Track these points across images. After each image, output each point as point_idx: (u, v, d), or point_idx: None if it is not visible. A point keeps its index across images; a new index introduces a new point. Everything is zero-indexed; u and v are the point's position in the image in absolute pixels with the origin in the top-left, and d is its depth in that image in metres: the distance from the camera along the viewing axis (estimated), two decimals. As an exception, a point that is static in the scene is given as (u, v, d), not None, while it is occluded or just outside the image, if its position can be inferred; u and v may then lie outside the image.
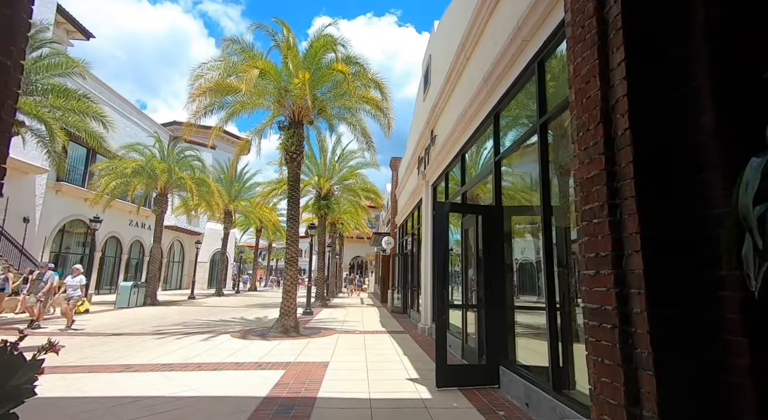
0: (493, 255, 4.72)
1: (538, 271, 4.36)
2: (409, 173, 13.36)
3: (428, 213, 9.31)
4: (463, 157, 6.69)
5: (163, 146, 16.75)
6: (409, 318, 12.44)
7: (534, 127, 3.85)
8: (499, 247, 4.70)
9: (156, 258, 16.31)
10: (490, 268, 4.75)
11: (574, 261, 3.37)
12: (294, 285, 9.06)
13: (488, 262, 4.76)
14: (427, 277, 9.05)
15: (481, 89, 5.08)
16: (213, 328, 9.35)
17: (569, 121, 2.41)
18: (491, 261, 4.73)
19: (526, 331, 4.56)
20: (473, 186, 5.96)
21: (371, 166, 17.72)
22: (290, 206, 9.37)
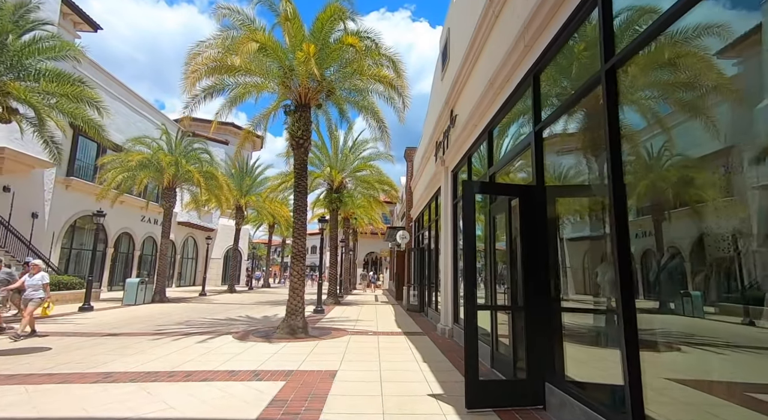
0: (535, 246, 3.84)
1: (593, 264, 3.46)
2: (425, 162, 12.48)
3: (448, 202, 8.44)
4: (490, 135, 5.79)
5: (171, 139, 16.26)
6: (427, 317, 11.60)
7: (596, 77, 2.94)
8: (541, 237, 3.81)
9: (164, 254, 15.88)
10: (530, 262, 3.87)
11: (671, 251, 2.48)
12: (301, 282, 8.33)
13: (528, 254, 3.88)
14: (447, 273, 8.20)
15: (516, 44, 4.17)
16: (215, 328, 8.71)
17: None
18: (532, 253, 3.85)
19: (580, 338, 3.67)
20: (505, 166, 5.05)
21: (385, 157, 16.90)
22: (297, 196, 8.62)
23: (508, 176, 5.33)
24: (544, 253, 3.79)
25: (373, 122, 10.35)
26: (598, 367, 3.49)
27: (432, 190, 11.12)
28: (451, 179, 8.39)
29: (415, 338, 7.72)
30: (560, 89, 3.82)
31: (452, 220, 8.17)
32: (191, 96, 8.47)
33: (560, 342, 3.66)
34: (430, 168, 11.18)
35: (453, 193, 8.31)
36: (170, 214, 16.06)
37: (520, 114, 4.77)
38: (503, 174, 5.32)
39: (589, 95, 3.12)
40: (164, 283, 15.68)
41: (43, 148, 9.79)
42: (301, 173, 8.70)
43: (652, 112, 2.70)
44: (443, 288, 8.36)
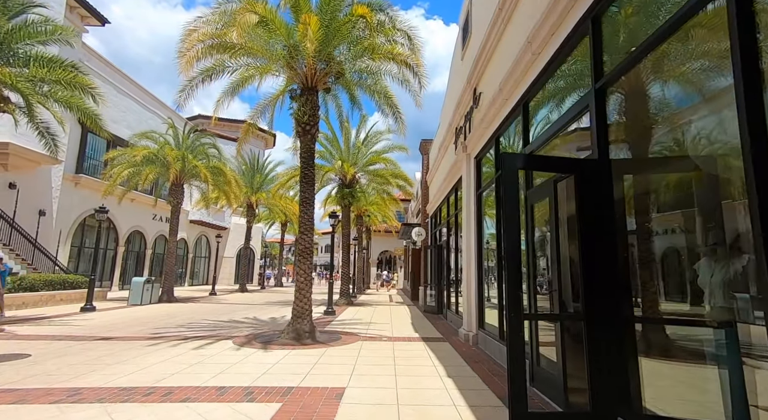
0: (597, 238, 2.95)
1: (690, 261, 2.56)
2: (442, 153, 11.58)
3: (470, 193, 7.55)
4: (525, 108, 4.89)
5: (178, 133, 15.76)
6: (446, 320, 10.72)
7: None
8: (607, 226, 2.92)
9: (172, 253, 15.40)
10: (591, 259, 2.98)
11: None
12: (308, 281, 7.57)
13: (589, 249, 2.99)
14: (470, 272, 7.31)
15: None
16: (217, 331, 8.03)
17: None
18: (594, 247, 2.96)
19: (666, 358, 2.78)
20: (548, 141, 4.13)
21: (399, 150, 16.05)
22: (303, 187, 7.86)
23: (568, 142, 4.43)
24: (611, 246, 2.89)
25: (387, 108, 9.53)
26: (693, 399, 2.59)
27: (451, 182, 10.23)
28: (474, 167, 7.49)
29: (434, 345, 6.86)
30: (636, 27, 2.90)
31: (476, 213, 7.28)
32: (188, 79, 7.80)
33: (635, 363, 2.76)
34: (449, 158, 10.29)
35: (477, 182, 7.41)
36: (177, 211, 15.57)
37: (569, 75, 3.86)
38: (554, 146, 4.42)
39: (696, 17, 2.21)
40: (172, 282, 15.20)
41: (39, 140, 9.28)
42: (308, 162, 7.93)
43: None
44: (465, 289, 7.48)
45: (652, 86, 2.84)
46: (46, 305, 11.90)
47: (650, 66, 2.73)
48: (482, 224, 7.22)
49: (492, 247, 7.14)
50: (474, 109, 7.28)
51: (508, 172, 2.99)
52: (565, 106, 3.83)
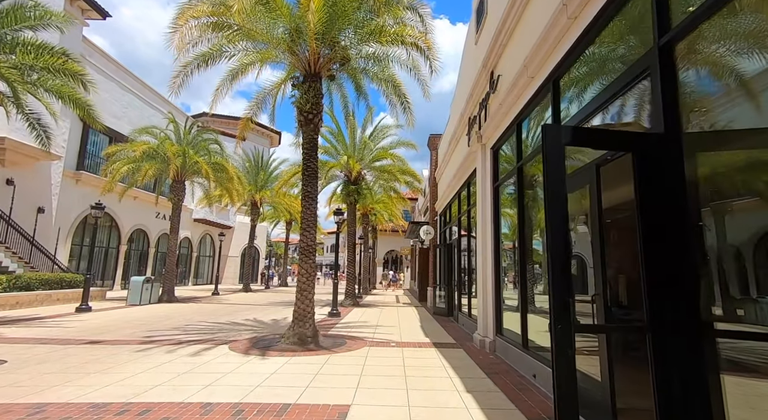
0: (663, 233, 2.36)
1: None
2: (453, 146, 10.99)
3: (486, 186, 6.95)
4: (556, 85, 4.28)
5: (179, 128, 15.32)
6: (456, 323, 10.12)
7: None
8: (676, 218, 2.32)
9: (173, 251, 14.97)
10: (655, 257, 2.38)
11: None
12: (310, 281, 7.03)
13: (651, 247, 2.39)
14: (487, 272, 6.72)
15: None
16: (214, 335, 7.52)
17: None
18: (660, 245, 2.37)
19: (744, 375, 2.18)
20: (589, 118, 3.52)
21: (407, 146, 15.47)
22: (305, 181, 7.32)
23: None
24: (681, 242, 2.29)
25: (395, 98, 8.96)
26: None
27: (462, 176, 9.63)
28: (491, 158, 6.89)
29: (448, 352, 6.27)
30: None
31: (493, 208, 6.68)
32: (183, 64, 7.30)
33: (718, 388, 2.17)
34: (461, 151, 9.69)
35: (493, 174, 6.81)
36: (178, 209, 15.14)
37: (615, 38, 3.25)
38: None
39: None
40: (172, 281, 14.77)
41: (30, 132, 8.85)
42: (311, 154, 7.39)
43: None
44: (481, 290, 6.89)
45: (736, 39, 2.24)
46: (42, 305, 11.51)
47: (736, 10, 2.12)
48: (500, 220, 6.62)
49: (506, 246, 6.54)
50: (490, 95, 6.68)
51: (553, 148, 2.40)
52: (609, 77, 3.22)
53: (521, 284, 5.25)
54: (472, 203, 8.86)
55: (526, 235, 5.33)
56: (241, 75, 8.31)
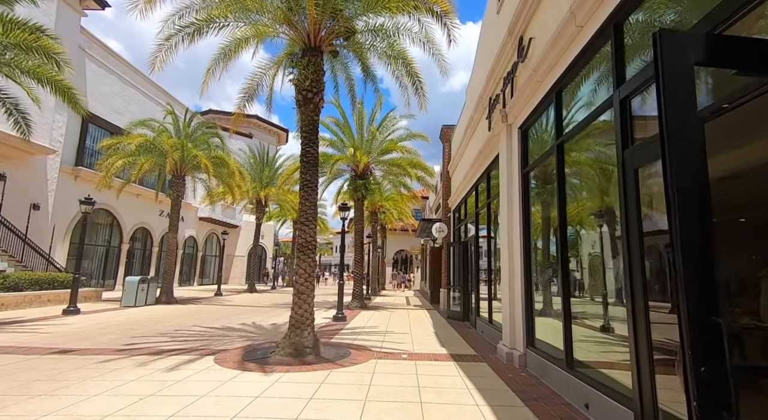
0: None
1: None
2: (470, 134, 10.00)
3: (513, 173, 5.97)
4: (618, 32, 3.30)
5: (177, 120, 14.60)
6: (474, 328, 9.14)
7: None
8: None
9: (172, 250, 14.26)
10: None
11: None
12: (309, 283, 6.13)
13: None
14: (514, 272, 5.74)
15: None
16: (204, 342, 6.68)
17: None
18: None
19: None
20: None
21: (418, 138, 14.50)
22: (304, 169, 6.43)
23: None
24: None
25: (406, 78, 8.03)
26: None
27: (481, 166, 8.65)
28: (519, 140, 5.91)
29: (470, 368, 5.31)
30: None
31: (521, 198, 5.70)
32: (166, 36, 6.47)
33: None
34: (479, 138, 8.71)
35: (522, 158, 5.83)
36: (178, 205, 14.42)
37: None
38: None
39: None
40: (171, 282, 14.04)
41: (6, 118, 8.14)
42: (311, 138, 6.49)
43: None
44: (506, 294, 5.90)
45: None
46: (31, 306, 10.84)
47: None
48: (529, 212, 5.63)
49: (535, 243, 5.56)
50: (518, 66, 5.70)
51: (675, 72, 1.44)
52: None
53: (563, 287, 4.26)
54: (493, 195, 7.87)
55: (568, 227, 4.35)
56: (234, 53, 7.46)
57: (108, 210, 18.70)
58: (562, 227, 4.36)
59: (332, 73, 8.91)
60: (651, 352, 2.71)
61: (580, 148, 4.23)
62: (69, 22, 15.12)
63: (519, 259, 5.59)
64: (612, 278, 3.59)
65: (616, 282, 3.49)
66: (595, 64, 3.78)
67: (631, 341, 2.86)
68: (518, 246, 5.64)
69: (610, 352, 3.62)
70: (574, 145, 4.28)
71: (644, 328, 2.75)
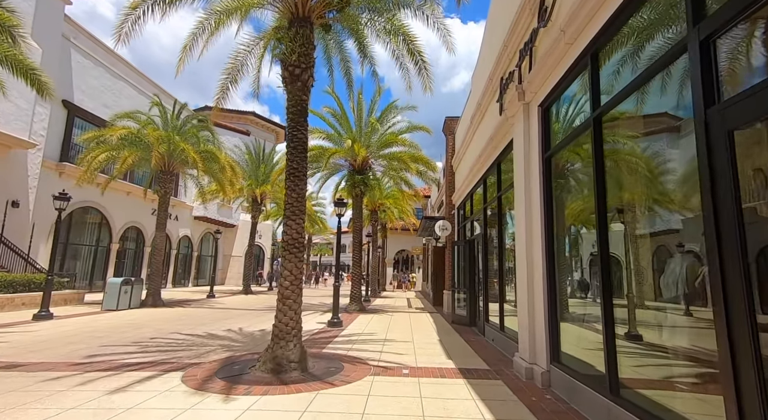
0: None
1: None
2: (477, 121, 9.17)
3: (530, 159, 5.14)
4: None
5: (165, 112, 13.80)
6: (483, 335, 8.30)
7: None
8: None
9: (159, 250, 13.45)
10: None
11: None
12: (296, 286, 5.31)
13: None
14: (535, 274, 4.91)
15: None
16: (177, 353, 5.87)
17: None
18: None
19: None
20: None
21: (420, 130, 13.67)
22: (291, 155, 5.61)
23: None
24: None
25: (407, 57, 7.22)
26: None
27: (490, 156, 7.82)
28: (539, 119, 5.07)
29: (484, 388, 4.47)
30: None
31: (543, 186, 4.87)
32: (132, 6, 5.65)
33: None
34: (489, 125, 7.89)
35: (543, 141, 4.99)
36: (165, 203, 13.61)
37: None
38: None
39: None
40: (159, 283, 13.24)
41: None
42: (298, 120, 5.67)
43: None
44: (524, 298, 5.07)
45: None
46: (2, 310, 10.05)
47: None
48: (552, 202, 4.80)
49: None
50: (539, 33, 4.88)
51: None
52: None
53: (604, 291, 3.43)
54: (504, 188, 7.04)
55: (608, 217, 3.51)
56: (216, 29, 6.66)
57: (96, 208, 17.92)
58: (602, 218, 3.53)
59: (325, 54, 8.11)
60: (761, 381, 1.88)
61: (625, 119, 3.40)
62: (51, 10, 14.34)
63: (540, 257, 4.76)
64: (674, 280, 2.75)
65: (679, 285, 2.67)
66: (656, 4, 2.94)
67: (726, 362, 2.03)
68: (539, 242, 4.81)
69: (674, 374, 2.78)
70: (618, 116, 3.45)
71: (748, 345, 1.92)
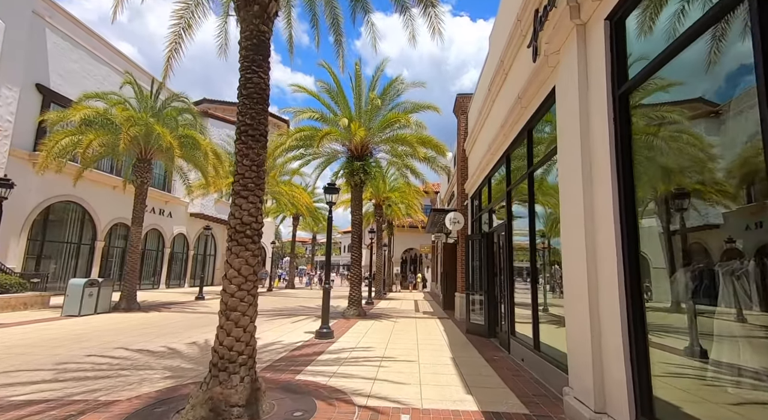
0: None
1: None
2: (498, 85, 7.45)
3: (593, 101, 3.42)
4: None
5: (142, 91, 12.32)
6: (507, 351, 6.58)
7: None
8: None
9: (134, 247, 11.96)
10: None
11: None
12: (247, 291, 3.66)
13: None
14: (601, 268, 3.20)
15: None
16: (96, 383, 4.30)
17: None
18: None
19: None
20: None
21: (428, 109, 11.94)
22: (243, 107, 3.97)
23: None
24: None
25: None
26: None
27: (517, 122, 6.10)
28: (608, 38, 3.34)
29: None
30: None
31: (615, 141, 3.15)
32: None
33: None
34: (516, 80, 6.17)
35: (614, 71, 3.26)
36: (143, 194, 12.14)
37: None
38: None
39: None
40: (134, 284, 11.76)
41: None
42: (253, 58, 4.03)
43: None
44: (581, 308, 3.36)
45: None
46: (-59, 317, 8.66)
47: None
48: (632, 160, 3.08)
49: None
50: None
51: None
52: None
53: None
54: (538, 161, 5.33)
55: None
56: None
57: (77, 203, 16.59)
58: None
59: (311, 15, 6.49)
60: None
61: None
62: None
63: (614, 246, 3.05)
64: None
65: None
66: None
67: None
68: (610, 225, 3.10)
69: None
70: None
71: None
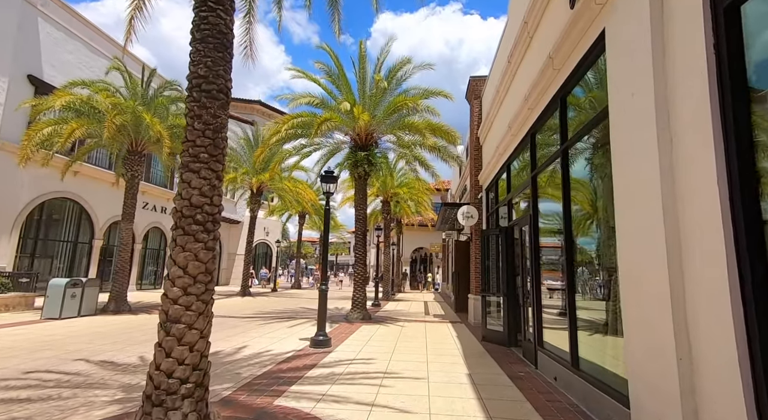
0: None
1: None
2: (521, 53, 6.43)
3: (686, 18, 2.39)
4: None
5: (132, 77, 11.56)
6: (534, 366, 5.55)
7: None
8: None
9: (125, 245, 11.22)
10: None
11: None
12: (196, 297, 2.73)
13: None
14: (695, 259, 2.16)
15: None
16: (24, 409, 3.43)
17: None
18: None
19: None
20: None
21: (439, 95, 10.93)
22: (197, 54, 3.04)
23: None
24: None
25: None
26: None
27: (546, 91, 5.07)
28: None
29: None
30: None
31: (722, 75, 2.12)
32: None
33: None
34: (546, 40, 5.15)
35: None
36: (134, 188, 11.40)
37: None
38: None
39: None
40: (124, 284, 11.02)
41: None
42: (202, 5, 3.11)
43: None
44: (654, 315, 2.34)
45: None
46: None
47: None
48: (750, 114, 2.06)
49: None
50: None
51: None
52: None
53: None
54: (573, 136, 4.31)
55: None
56: None
57: (74, 199, 16.00)
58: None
59: None
60: None
61: None
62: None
63: (721, 232, 2.03)
64: None
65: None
66: None
67: None
68: (711, 202, 2.09)
69: None
70: None
71: None
